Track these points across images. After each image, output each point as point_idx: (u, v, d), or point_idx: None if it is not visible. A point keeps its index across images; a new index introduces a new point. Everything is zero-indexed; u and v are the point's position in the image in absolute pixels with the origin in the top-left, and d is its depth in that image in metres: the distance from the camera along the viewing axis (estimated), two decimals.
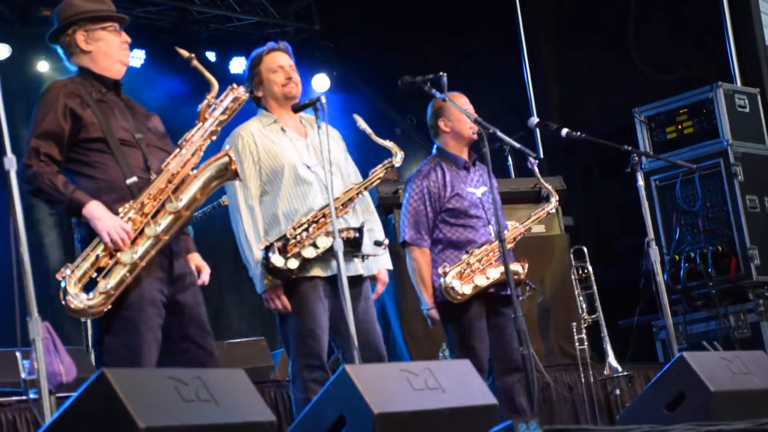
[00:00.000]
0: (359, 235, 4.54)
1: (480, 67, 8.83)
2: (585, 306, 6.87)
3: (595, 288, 6.90)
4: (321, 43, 9.64)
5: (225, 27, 9.24)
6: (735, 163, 7.35)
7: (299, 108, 4.58)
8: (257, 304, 4.56)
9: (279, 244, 4.48)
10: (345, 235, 4.50)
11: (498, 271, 5.11)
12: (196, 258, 4.12)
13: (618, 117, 8.09)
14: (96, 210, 3.76)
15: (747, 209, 7.33)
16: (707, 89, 7.56)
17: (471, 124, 5.07)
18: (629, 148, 5.21)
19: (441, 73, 4.68)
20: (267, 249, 4.47)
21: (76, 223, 3.90)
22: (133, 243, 3.78)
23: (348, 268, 4.53)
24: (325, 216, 4.49)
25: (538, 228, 5.78)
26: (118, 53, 4.03)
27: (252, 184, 4.59)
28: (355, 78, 9.66)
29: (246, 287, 4.55)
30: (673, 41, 8.43)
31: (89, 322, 6.10)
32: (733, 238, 7.31)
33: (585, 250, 7.00)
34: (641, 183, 5.16)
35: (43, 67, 8.13)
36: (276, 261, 4.44)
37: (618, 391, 6.55)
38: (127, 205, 3.81)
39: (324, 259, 4.49)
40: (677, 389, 4.23)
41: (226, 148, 3.93)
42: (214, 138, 3.99)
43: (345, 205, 4.60)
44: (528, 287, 5.47)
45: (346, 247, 4.45)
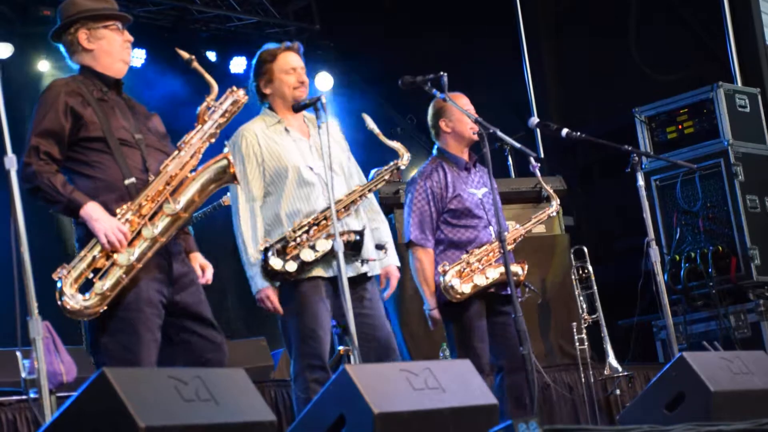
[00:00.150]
0: (360, 239, 4.53)
1: (480, 67, 8.83)
2: (585, 306, 6.87)
3: (596, 288, 6.91)
4: (321, 43, 9.63)
5: (225, 27, 9.24)
6: (735, 163, 7.35)
7: (300, 108, 4.58)
8: (257, 303, 4.56)
9: (278, 246, 4.47)
10: (345, 238, 4.49)
11: (498, 272, 5.12)
12: (198, 257, 4.12)
13: (618, 117, 8.10)
14: (93, 211, 3.76)
15: (747, 209, 7.33)
16: (708, 89, 7.56)
17: (472, 124, 5.08)
18: (629, 148, 5.21)
19: (441, 73, 4.68)
20: (266, 251, 4.47)
21: (74, 223, 3.90)
22: (130, 244, 3.77)
23: (349, 269, 4.52)
24: (327, 218, 4.47)
25: (538, 228, 5.78)
26: (120, 52, 4.03)
27: (254, 184, 4.57)
28: (356, 78, 9.66)
29: (246, 287, 4.55)
30: (674, 41, 8.43)
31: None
32: (734, 238, 7.31)
33: (585, 250, 7.00)
34: (641, 183, 5.16)
35: (44, 67, 8.13)
36: (274, 263, 4.44)
37: (618, 391, 6.56)
38: (125, 207, 3.81)
39: (326, 260, 4.48)
40: (677, 389, 4.23)
41: (225, 150, 3.92)
42: (213, 140, 3.99)
43: (347, 208, 4.58)
44: (527, 289, 5.47)
45: (346, 250, 4.45)
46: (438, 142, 5.42)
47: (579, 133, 5.15)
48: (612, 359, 6.63)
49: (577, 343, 6.61)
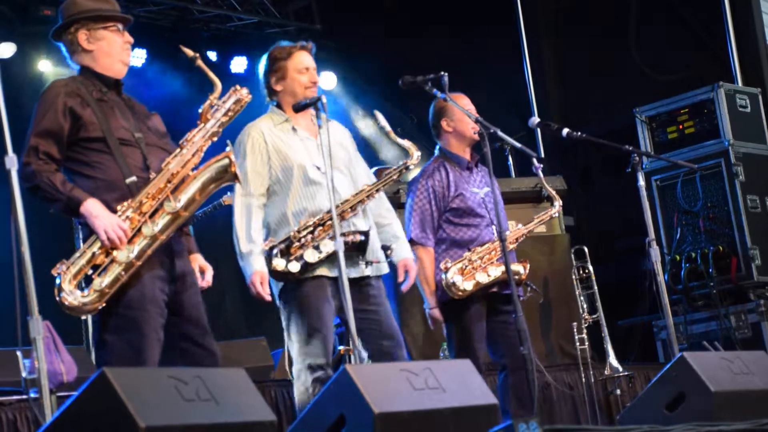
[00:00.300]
0: (365, 239, 4.52)
1: (481, 67, 8.82)
2: (586, 306, 6.87)
3: (596, 288, 6.90)
4: (322, 43, 9.62)
5: (226, 26, 9.24)
6: (736, 163, 7.35)
7: (301, 108, 4.57)
8: (257, 303, 4.55)
9: (282, 246, 4.47)
10: (351, 239, 4.49)
11: (500, 270, 5.12)
12: (199, 259, 4.12)
13: (619, 117, 8.10)
14: (93, 207, 3.76)
15: (748, 209, 7.33)
16: (708, 89, 7.56)
17: (473, 124, 5.08)
18: (630, 148, 5.21)
19: (442, 73, 4.68)
20: (270, 251, 4.47)
21: (77, 223, 3.90)
22: (130, 242, 3.77)
23: (354, 270, 4.52)
24: (332, 218, 4.47)
25: (538, 228, 5.77)
26: (119, 53, 4.02)
27: (256, 181, 4.55)
28: (356, 78, 9.66)
29: (246, 287, 4.54)
30: (674, 41, 8.43)
31: (90, 321, 6.10)
32: (734, 238, 7.31)
33: (586, 250, 7.00)
34: (642, 183, 5.16)
35: (45, 66, 8.13)
36: (277, 264, 4.44)
37: (618, 391, 6.55)
38: (125, 204, 3.81)
39: (331, 259, 4.46)
40: (678, 389, 4.23)
41: (227, 149, 3.92)
42: (215, 139, 3.99)
43: (354, 208, 4.57)
44: (529, 288, 5.47)
45: (351, 251, 4.46)
46: (440, 142, 5.43)
47: (580, 133, 5.15)
48: (612, 359, 6.63)
49: (578, 343, 6.61)
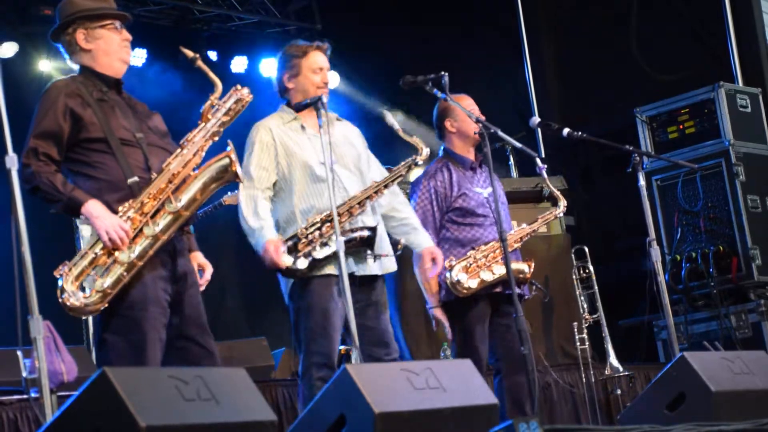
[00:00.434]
0: (372, 234, 4.53)
1: (481, 67, 8.83)
2: (586, 306, 6.87)
3: (597, 288, 6.90)
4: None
5: (226, 26, 9.25)
6: (736, 163, 7.35)
7: (301, 107, 4.58)
8: (258, 303, 4.55)
9: (290, 243, 4.48)
10: (358, 235, 4.50)
11: (504, 268, 5.11)
12: (198, 257, 4.12)
13: (619, 117, 8.09)
14: (94, 208, 3.76)
15: (748, 209, 7.33)
16: (709, 89, 7.56)
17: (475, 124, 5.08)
18: (631, 147, 5.21)
19: (442, 73, 4.68)
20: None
21: (77, 223, 3.90)
22: (132, 242, 3.77)
23: (362, 267, 4.54)
24: (340, 215, 4.48)
25: (540, 228, 5.78)
26: (118, 51, 4.01)
27: (262, 175, 4.55)
28: (356, 78, 9.66)
29: (247, 286, 4.54)
30: (675, 41, 8.42)
31: (91, 320, 6.10)
32: (735, 238, 7.31)
33: (586, 249, 7.00)
34: (642, 183, 5.15)
35: (45, 66, 8.13)
36: (285, 260, 4.44)
37: (619, 391, 6.55)
38: (127, 204, 3.81)
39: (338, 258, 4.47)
40: (678, 389, 4.23)
41: (228, 148, 3.92)
42: (216, 139, 3.99)
43: (362, 204, 4.58)
44: (534, 287, 5.48)
45: (359, 247, 4.47)
46: (444, 142, 5.44)
47: (580, 133, 5.15)
48: (613, 359, 6.63)
49: (578, 343, 6.61)
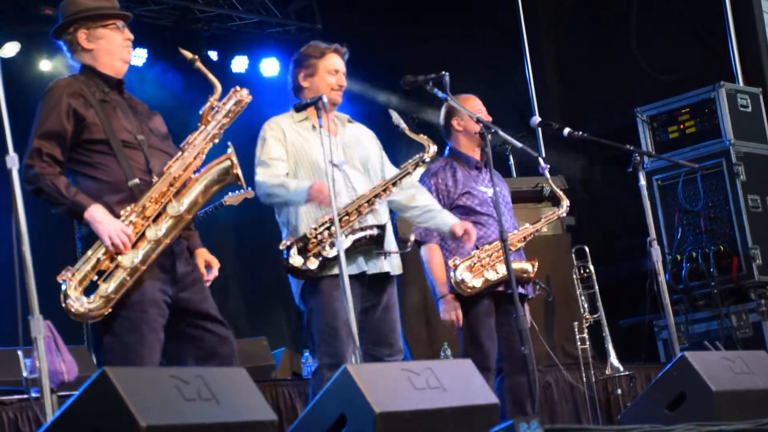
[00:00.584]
0: (381, 232, 4.54)
1: (482, 66, 8.83)
2: (587, 305, 6.87)
3: (597, 287, 6.90)
4: None
5: (227, 26, 9.25)
6: (737, 163, 7.35)
7: (302, 107, 4.58)
8: (258, 303, 4.55)
9: (299, 243, 4.48)
10: (367, 233, 4.51)
11: None
12: (204, 253, 4.10)
13: (620, 116, 8.09)
14: (97, 213, 3.75)
15: (749, 209, 7.33)
16: (709, 89, 7.56)
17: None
18: (631, 147, 5.21)
19: (443, 72, 4.68)
20: (287, 249, 4.47)
21: (76, 222, 3.90)
22: (134, 246, 3.77)
23: (374, 265, 4.55)
24: (348, 214, 4.49)
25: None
26: (119, 51, 4.01)
27: (278, 165, 4.55)
28: (356, 77, 9.65)
29: (247, 286, 4.54)
30: (675, 41, 8.42)
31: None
32: (735, 237, 7.31)
33: (587, 249, 7.00)
34: (643, 182, 5.15)
35: (46, 66, 8.13)
36: (295, 261, 4.44)
37: (619, 391, 6.55)
38: (129, 208, 3.80)
39: (349, 257, 4.46)
40: (679, 389, 4.23)
41: (228, 150, 3.92)
42: (216, 141, 3.98)
43: (371, 202, 4.58)
44: (538, 286, 5.48)
45: (368, 245, 4.48)
46: (450, 141, 5.45)
47: (581, 133, 5.15)
48: (613, 359, 6.63)
49: (579, 343, 6.61)
